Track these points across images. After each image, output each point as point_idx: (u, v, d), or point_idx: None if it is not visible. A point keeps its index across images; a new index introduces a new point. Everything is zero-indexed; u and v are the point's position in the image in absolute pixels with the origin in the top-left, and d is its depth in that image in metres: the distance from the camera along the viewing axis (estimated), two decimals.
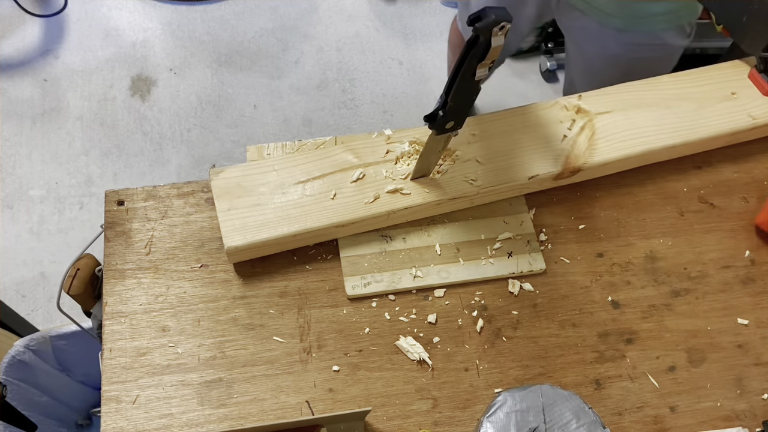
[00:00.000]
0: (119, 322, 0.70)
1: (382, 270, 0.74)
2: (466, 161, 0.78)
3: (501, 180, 0.77)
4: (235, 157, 1.89)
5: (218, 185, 0.74)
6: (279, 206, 0.73)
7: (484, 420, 0.63)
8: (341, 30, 2.14)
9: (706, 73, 0.89)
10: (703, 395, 0.71)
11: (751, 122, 0.84)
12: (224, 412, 0.66)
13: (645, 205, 0.82)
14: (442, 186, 0.76)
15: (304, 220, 0.73)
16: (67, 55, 2.02)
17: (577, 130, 0.81)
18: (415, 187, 0.75)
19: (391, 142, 0.79)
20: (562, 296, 0.75)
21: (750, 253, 0.80)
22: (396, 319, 0.72)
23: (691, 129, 0.83)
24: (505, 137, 0.80)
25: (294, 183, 0.75)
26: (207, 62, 2.04)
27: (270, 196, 0.74)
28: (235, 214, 0.72)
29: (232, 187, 0.74)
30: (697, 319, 0.75)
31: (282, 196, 0.74)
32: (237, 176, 0.75)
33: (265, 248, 0.73)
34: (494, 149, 0.79)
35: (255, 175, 0.75)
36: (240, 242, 0.71)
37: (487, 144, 0.79)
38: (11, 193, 1.79)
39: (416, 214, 0.76)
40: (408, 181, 0.76)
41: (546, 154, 0.79)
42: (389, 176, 0.76)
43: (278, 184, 0.75)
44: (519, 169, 0.78)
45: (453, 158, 0.78)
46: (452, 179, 0.76)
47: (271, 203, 0.74)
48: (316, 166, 0.76)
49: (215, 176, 0.75)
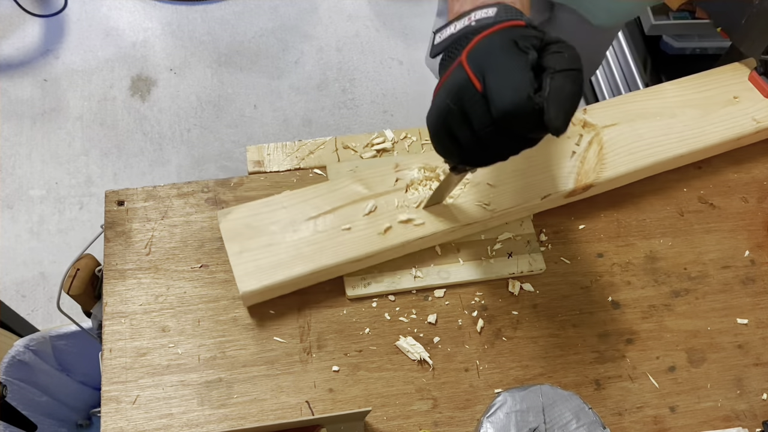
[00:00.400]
0: (119, 322, 0.70)
1: (382, 270, 0.74)
2: (477, 184, 0.76)
3: (514, 202, 0.75)
4: (235, 157, 1.89)
5: (227, 228, 0.72)
6: (291, 245, 0.71)
7: (484, 420, 0.63)
8: (341, 30, 2.14)
9: (708, 78, 0.89)
10: (703, 395, 0.71)
11: (755, 126, 0.84)
12: (224, 413, 0.66)
13: (645, 205, 0.82)
14: (455, 213, 0.74)
15: (319, 257, 0.70)
16: (67, 55, 2.02)
17: (585, 146, 0.80)
18: (427, 215, 0.74)
19: (399, 170, 0.77)
20: (562, 296, 0.75)
21: (750, 253, 0.80)
22: (396, 319, 0.72)
23: (697, 137, 0.83)
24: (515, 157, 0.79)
25: (305, 219, 0.73)
26: (207, 62, 2.04)
27: (281, 234, 0.72)
28: (248, 257, 0.70)
29: (241, 229, 0.72)
30: (697, 319, 0.75)
31: (294, 234, 0.72)
32: (246, 216, 0.73)
33: (281, 289, 0.71)
34: (504, 170, 0.78)
35: (264, 213, 0.73)
36: (255, 286, 0.69)
37: (497, 166, 0.78)
38: (11, 193, 1.79)
39: (430, 242, 0.75)
40: (420, 210, 0.74)
41: (557, 172, 0.78)
42: (402, 205, 0.74)
43: (289, 222, 0.73)
44: (531, 189, 0.76)
45: (464, 182, 0.77)
46: (464, 204, 0.75)
47: (283, 242, 0.71)
48: (326, 200, 0.74)
49: (224, 218, 0.73)
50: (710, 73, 0.90)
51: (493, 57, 0.52)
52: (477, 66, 0.53)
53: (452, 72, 0.55)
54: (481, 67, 0.53)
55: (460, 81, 0.54)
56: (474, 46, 0.54)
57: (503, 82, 0.51)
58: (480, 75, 0.53)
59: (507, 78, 0.51)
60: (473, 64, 0.53)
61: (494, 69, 0.52)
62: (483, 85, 0.53)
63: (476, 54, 0.54)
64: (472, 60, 0.54)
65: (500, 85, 0.51)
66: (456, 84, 0.54)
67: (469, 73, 0.53)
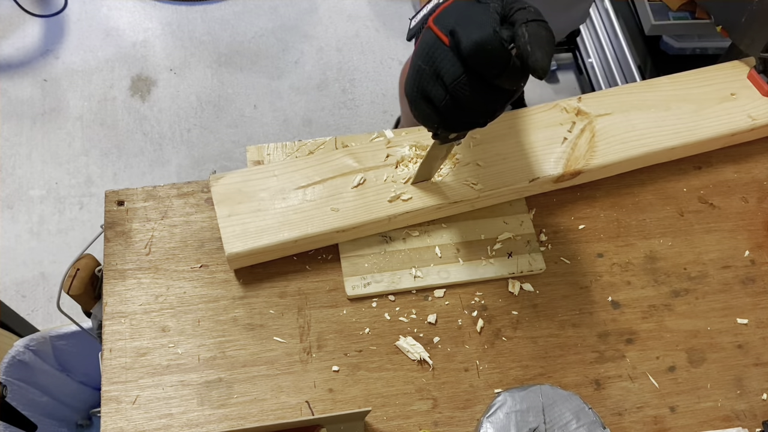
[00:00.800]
0: (119, 322, 0.70)
1: (382, 270, 0.74)
2: (467, 164, 0.78)
3: (502, 183, 0.77)
4: (235, 157, 1.89)
5: (218, 191, 0.74)
6: (280, 212, 0.73)
7: (484, 420, 0.63)
8: (341, 30, 2.14)
9: (706, 74, 0.89)
10: (703, 395, 0.71)
11: (750, 123, 0.84)
12: (224, 413, 0.66)
13: (645, 205, 0.82)
14: (443, 190, 0.76)
15: (305, 225, 0.72)
16: (67, 55, 2.02)
17: (578, 133, 0.81)
18: (415, 191, 0.75)
19: (391, 146, 0.78)
20: (562, 296, 0.75)
21: (750, 253, 0.80)
22: (396, 319, 0.72)
23: (691, 130, 0.83)
24: (506, 140, 0.80)
25: (294, 188, 0.75)
26: (207, 62, 2.04)
27: (270, 201, 0.74)
28: (236, 220, 0.72)
29: (232, 193, 0.74)
30: (697, 319, 0.75)
31: (282, 201, 0.74)
32: (237, 182, 0.75)
33: (266, 254, 0.73)
34: (495, 152, 0.79)
35: (255, 180, 0.75)
36: (241, 248, 0.70)
37: (487, 147, 0.79)
38: (11, 193, 1.79)
39: (417, 218, 0.76)
40: (409, 186, 0.76)
41: (547, 157, 0.79)
42: (390, 180, 0.76)
43: (279, 190, 0.75)
44: (520, 172, 0.78)
45: (453, 162, 0.78)
46: (453, 183, 0.76)
47: (272, 209, 0.73)
48: (317, 171, 0.76)
49: (215, 182, 0.75)
50: (708, 69, 0.90)
51: (457, 13, 0.56)
52: (443, 26, 0.56)
53: (421, 37, 0.58)
54: (447, 26, 0.56)
55: (428, 40, 0.57)
56: (439, 11, 0.58)
57: (469, 24, 0.54)
58: (447, 32, 0.55)
59: (472, 21, 0.54)
60: (440, 25, 0.56)
61: (460, 21, 0.55)
62: (451, 38, 0.55)
63: (442, 16, 0.57)
64: (439, 21, 0.57)
65: (466, 28, 0.54)
66: (425, 44, 0.57)
67: (435, 31, 0.56)
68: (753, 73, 0.88)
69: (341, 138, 0.82)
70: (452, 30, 0.55)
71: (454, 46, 0.55)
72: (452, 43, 0.55)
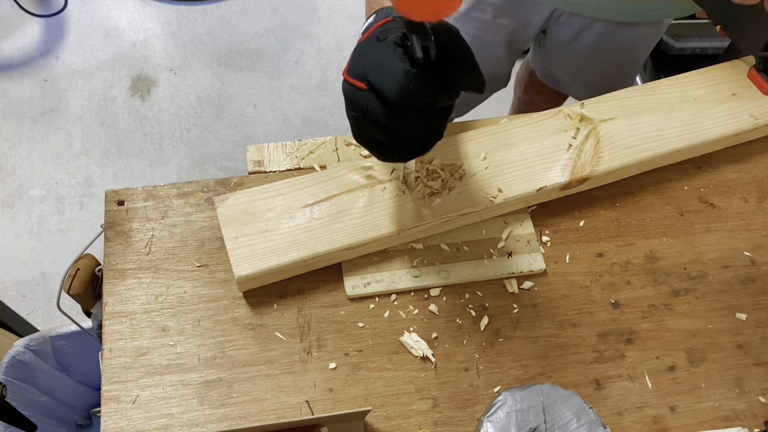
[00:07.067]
0: (119, 322, 0.70)
1: (382, 270, 0.74)
2: (473, 176, 0.77)
3: (510, 194, 0.76)
4: (235, 156, 1.89)
5: (224, 213, 0.73)
6: (288, 231, 0.72)
7: (485, 420, 0.63)
8: (341, 30, 2.15)
9: (706, 75, 0.89)
10: (703, 395, 0.71)
11: (753, 122, 0.84)
12: (224, 412, 0.66)
13: (645, 205, 0.82)
14: (451, 202, 0.75)
15: (314, 244, 0.71)
16: (67, 55, 2.03)
17: (582, 139, 0.81)
18: (423, 205, 0.75)
19: None
20: (562, 296, 0.75)
21: (750, 253, 0.80)
22: (396, 318, 0.72)
23: (694, 132, 0.83)
24: (510, 149, 0.79)
25: (301, 206, 0.74)
26: (207, 62, 2.04)
27: (278, 221, 0.73)
28: (243, 242, 0.71)
29: (238, 214, 0.73)
30: (697, 319, 0.75)
31: (290, 220, 0.73)
32: (243, 202, 0.74)
33: (276, 275, 0.72)
34: (500, 162, 0.78)
35: (261, 200, 0.74)
36: (250, 270, 0.69)
37: (492, 157, 0.79)
38: (11, 193, 1.79)
39: (426, 231, 0.75)
40: (416, 200, 0.75)
41: (552, 165, 0.78)
42: (398, 195, 0.75)
43: (285, 209, 0.73)
44: (526, 181, 0.77)
45: (459, 173, 0.77)
46: (460, 195, 0.75)
47: (279, 228, 0.72)
48: (323, 188, 0.75)
49: (221, 204, 0.73)
50: (708, 70, 0.90)
51: (363, 59, 0.57)
52: (357, 74, 0.58)
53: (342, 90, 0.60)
54: (360, 73, 0.57)
55: (347, 92, 0.59)
56: (350, 60, 0.59)
57: (380, 73, 0.55)
58: (362, 79, 0.57)
59: (382, 68, 0.55)
60: (353, 73, 0.58)
61: (369, 68, 0.56)
62: (367, 83, 0.56)
63: (353, 65, 0.58)
64: (352, 71, 0.58)
65: (379, 77, 0.55)
66: (346, 96, 0.59)
67: (352, 82, 0.58)
68: (753, 72, 0.88)
69: (341, 137, 0.82)
70: (364, 77, 0.56)
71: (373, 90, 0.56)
72: (370, 87, 0.56)
